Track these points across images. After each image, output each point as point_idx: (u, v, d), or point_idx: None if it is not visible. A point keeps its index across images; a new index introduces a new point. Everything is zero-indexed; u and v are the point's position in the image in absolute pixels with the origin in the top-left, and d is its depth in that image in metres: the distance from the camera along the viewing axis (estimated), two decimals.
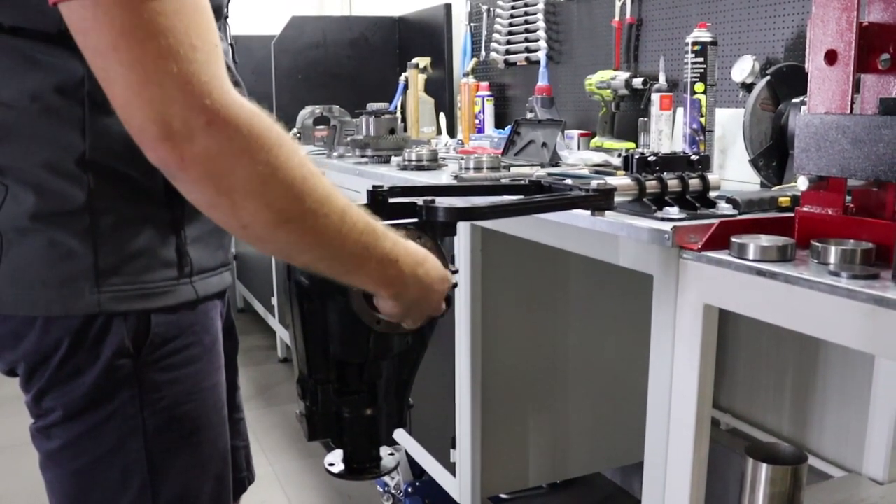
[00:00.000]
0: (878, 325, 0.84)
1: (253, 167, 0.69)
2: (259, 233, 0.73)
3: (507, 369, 1.95)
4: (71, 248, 0.85)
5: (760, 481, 1.24)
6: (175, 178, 0.70)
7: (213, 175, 0.68)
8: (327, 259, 0.78)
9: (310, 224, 0.73)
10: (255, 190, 0.70)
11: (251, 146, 0.69)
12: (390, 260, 0.81)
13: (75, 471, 0.91)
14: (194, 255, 0.93)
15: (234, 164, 0.68)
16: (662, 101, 1.88)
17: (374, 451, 1.02)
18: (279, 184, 0.70)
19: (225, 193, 0.70)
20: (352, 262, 0.79)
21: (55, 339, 0.87)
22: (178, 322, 0.92)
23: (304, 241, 0.75)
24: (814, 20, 1.03)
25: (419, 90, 3.15)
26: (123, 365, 0.88)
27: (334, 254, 0.77)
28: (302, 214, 0.72)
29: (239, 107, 0.68)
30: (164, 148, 0.67)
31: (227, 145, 0.68)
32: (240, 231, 0.73)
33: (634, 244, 1.21)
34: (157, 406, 0.91)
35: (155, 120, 0.66)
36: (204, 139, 0.67)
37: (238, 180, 0.69)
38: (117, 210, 0.86)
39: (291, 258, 0.80)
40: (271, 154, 0.70)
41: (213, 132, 0.67)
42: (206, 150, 0.67)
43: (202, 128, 0.66)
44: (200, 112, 0.66)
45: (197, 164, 0.68)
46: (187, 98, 0.66)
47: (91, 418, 0.89)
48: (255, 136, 0.69)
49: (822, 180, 1.02)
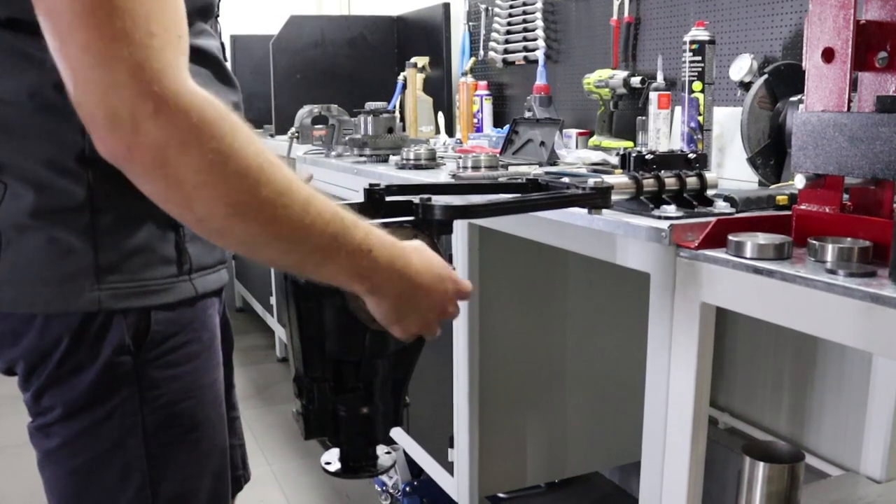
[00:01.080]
0: (874, 323, 0.84)
1: (203, 156, 0.66)
2: (216, 226, 0.70)
3: (505, 368, 1.95)
4: (71, 245, 0.85)
5: (757, 480, 1.23)
6: (126, 172, 0.68)
7: (161, 166, 0.66)
8: (291, 252, 0.74)
9: (268, 215, 0.70)
10: (206, 181, 0.67)
11: (201, 134, 0.66)
12: (362, 251, 0.76)
13: (74, 469, 0.91)
14: (193, 252, 0.93)
15: (182, 154, 0.65)
16: (660, 100, 1.88)
17: (371, 450, 1.01)
18: (232, 173, 0.67)
19: (175, 185, 0.67)
20: (318, 255, 0.74)
21: (55, 337, 0.86)
22: (178, 319, 0.92)
23: (264, 233, 0.71)
24: (811, 18, 1.03)
25: (417, 89, 3.15)
26: (123, 362, 0.88)
27: (298, 246, 0.73)
28: (259, 205, 0.69)
29: (190, 95, 0.66)
30: (111, 138, 0.65)
31: (175, 134, 0.65)
32: (196, 225, 0.71)
33: (631, 242, 1.21)
34: (157, 403, 0.91)
35: (102, 106, 0.64)
36: (151, 128, 0.64)
37: (188, 170, 0.66)
38: (117, 207, 0.86)
39: (254, 253, 0.75)
40: (223, 142, 0.67)
41: (160, 120, 0.64)
42: (153, 140, 0.64)
43: (149, 116, 0.64)
44: (148, 99, 0.64)
45: (144, 155, 0.65)
46: (135, 84, 0.63)
47: (91, 416, 0.89)
48: (205, 124, 0.66)
49: (819, 178, 1.02)
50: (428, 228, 0.94)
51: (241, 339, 4.10)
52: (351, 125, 2.60)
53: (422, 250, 0.85)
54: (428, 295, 0.84)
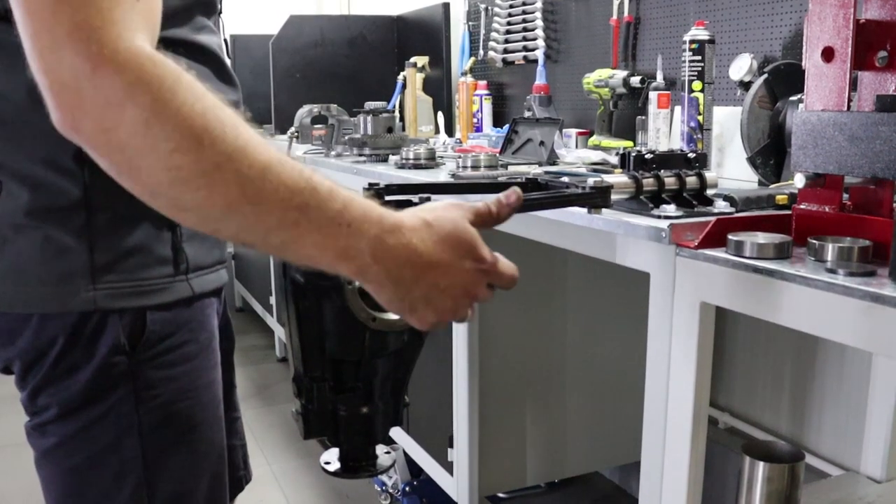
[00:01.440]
0: (875, 323, 0.84)
1: (138, 116, 0.59)
2: (167, 197, 0.62)
3: (505, 368, 1.95)
4: (66, 244, 0.85)
5: (757, 479, 1.23)
6: (81, 145, 0.62)
7: (103, 131, 0.59)
8: (252, 227, 0.63)
9: (216, 179, 0.60)
10: (143, 144, 0.59)
11: (135, 92, 0.59)
12: (338, 226, 0.64)
13: (70, 468, 0.91)
14: (190, 252, 0.93)
15: (119, 115, 0.59)
16: (660, 100, 1.88)
17: (370, 450, 1.01)
18: (171, 133, 0.59)
19: (119, 152, 0.60)
20: (284, 230, 0.63)
21: (50, 337, 0.86)
22: (174, 319, 0.92)
23: (213, 203, 0.61)
24: (811, 17, 1.03)
25: (417, 89, 3.15)
26: (119, 362, 0.88)
27: (258, 219, 0.63)
28: (203, 169, 0.60)
29: (132, 52, 0.59)
30: (57, 106, 0.60)
31: (112, 94, 0.58)
32: (151, 199, 0.63)
33: (631, 242, 1.21)
34: (153, 403, 0.91)
35: (46, 71, 0.59)
36: (90, 88, 0.58)
37: (126, 133, 0.59)
38: (113, 207, 0.86)
39: (212, 227, 0.65)
40: (160, 100, 0.59)
41: (96, 80, 0.58)
42: (93, 101, 0.59)
43: (87, 76, 0.58)
44: (86, 59, 0.58)
45: (87, 120, 0.59)
46: (73, 44, 0.58)
47: (86, 416, 0.89)
48: (142, 82, 0.59)
49: (819, 178, 1.02)
50: None
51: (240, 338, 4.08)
52: (350, 125, 2.60)
53: (434, 220, 0.71)
54: (443, 275, 0.70)
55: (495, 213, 0.75)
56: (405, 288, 0.69)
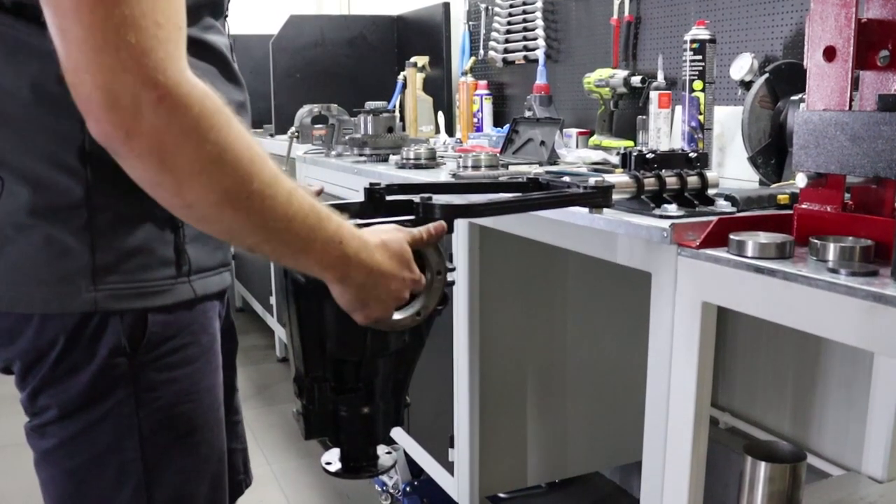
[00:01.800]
0: (876, 323, 0.84)
1: (202, 146, 0.69)
2: (204, 213, 0.73)
3: (506, 368, 1.95)
4: (68, 245, 0.85)
5: (759, 480, 1.23)
6: (118, 154, 0.69)
7: (158, 152, 0.68)
8: (273, 241, 0.77)
9: (257, 206, 0.73)
10: (202, 169, 0.69)
11: (200, 125, 0.68)
12: (334, 242, 0.80)
13: (70, 470, 0.91)
14: (193, 253, 0.92)
15: (182, 143, 0.68)
16: (661, 99, 1.87)
17: (371, 450, 1.01)
18: (227, 164, 0.70)
19: (170, 172, 0.69)
20: (297, 245, 0.78)
21: (51, 337, 0.86)
22: (176, 321, 0.91)
23: (250, 222, 0.74)
24: (812, 17, 1.03)
25: (417, 89, 3.15)
26: (119, 364, 0.88)
27: (280, 236, 0.76)
28: (249, 195, 0.72)
29: (192, 86, 0.68)
30: (109, 120, 0.66)
31: (177, 123, 0.67)
32: (183, 210, 0.73)
33: (632, 242, 1.20)
34: (153, 406, 0.90)
35: (104, 88, 0.65)
36: (152, 115, 0.66)
37: (185, 159, 0.68)
38: (115, 207, 0.86)
39: (237, 240, 0.78)
40: (220, 134, 0.69)
41: (161, 109, 0.66)
42: (153, 127, 0.66)
43: (152, 103, 0.66)
44: (153, 87, 0.66)
45: (142, 140, 0.67)
46: (141, 70, 0.65)
47: (86, 417, 0.89)
48: (205, 116, 0.69)
49: (820, 177, 1.02)
50: None
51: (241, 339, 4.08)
52: (351, 125, 2.60)
53: (387, 240, 0.86)
54: (388, 283, 0.86)
55: (425, 238, 0.90)
56: (365, 292, 0.85)
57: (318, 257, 0.80)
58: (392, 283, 0.86)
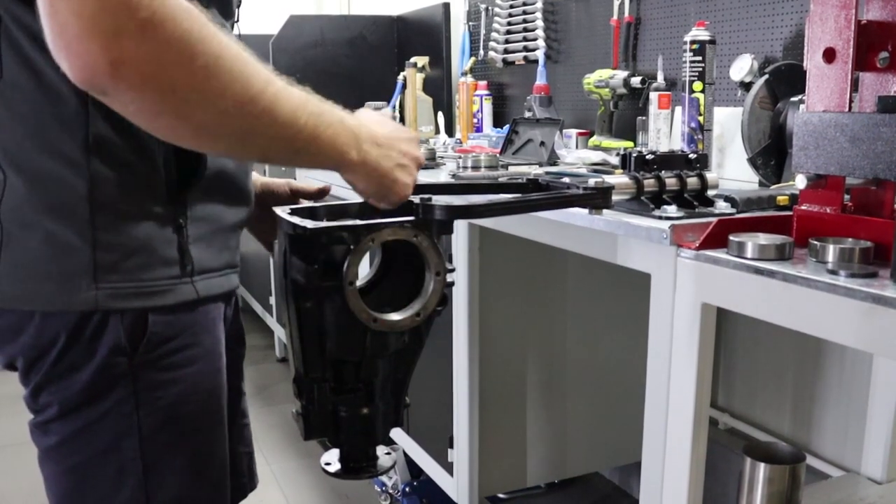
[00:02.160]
0: (876, 324, 0.84)
1: (196, 60, 0.66)
2: (214, 128, 0.72)
3: (505, 369, 1.95)
4: (69, 242, 0.84)
5: (758, 481, 1.23)
6: (106, 90, 0.65)
7: (153, 76, 0.64)
8: (285, 137, 0.77)
9: (262, 105, 0.72)
10: (203, 82, 0.67)
11: (192, 39, 0.66)
12: (338, 121, 0.81)
13: (71, 468, 0.91)
14: (196, 254, 0.92)
15: (176, 61, 0.65)
16: (661, 100, 1.88)
17: (371, 451, 1.01)
18: (225, 71, 0.69)
19: (170, 93, 0.66)
20: (308, 134, 0.78)
21: (52, 335, 0.86)
22: (177, 322, 0.91)
23: (260, 123, 0.73)
24: (812, 18, 1.03)
25: (417, 89, 3.15)
26: (119, 363, 0.88)
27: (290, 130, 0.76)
28: (252, 98, 0.71)
29: (176, 5, 0.65)
30: (91, 51, 0.61)
31: (167, 41, 0.64)
32: (192, 132, 0.72)
33: (632, 243, 1.21)
34: (153, 406, 0.90)
35: (82, 14, 0.60)
36: (140, 37, 0.62)
37: (183, 76, 0.66)
38: (118, 204, 0.85)
39: (249, 148, 0.78)
40: (212, 44, 0.68)
41: (150, 29, 0.63)
42: (142, 50, 0.63)
43: (139, 24, 0.62)
44: (136, 7, 0.62)
45: (133, 67, 0.63)
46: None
47: (87, 415, 0.89)
48: (195, 29, 0.66)
49: (820, 179, 1.02)
50: (428, 228, 0.94)
51: None
52: None
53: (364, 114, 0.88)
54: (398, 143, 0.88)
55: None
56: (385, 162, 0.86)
57: (329, 141, 0.80)
58: (401, 142, 0.87)
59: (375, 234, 0.91)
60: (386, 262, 1.01)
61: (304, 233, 0.90)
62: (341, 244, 0.90)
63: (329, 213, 1.01)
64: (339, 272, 0.89)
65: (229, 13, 0.97)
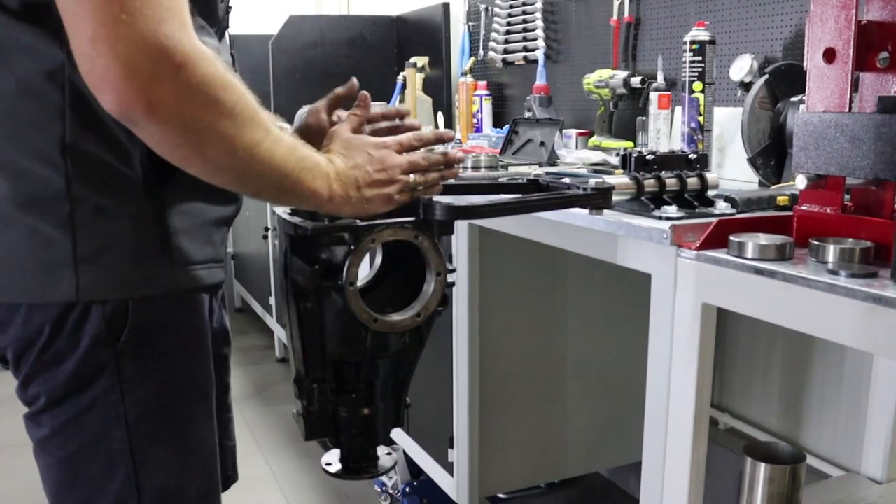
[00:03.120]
0: (876, 324, 0.84)
1: (218, 105, 0.75)
2: (220, 165, 0.80)
3: (505, 369, 1.95)
4: (50, 236, 0.87)
5: (759, 481, 1.23)
6: (137, 124, 0.73)
7: (180, 116, 0.73)
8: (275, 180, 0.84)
9: (264, 150, 0.81)
10: (220, 126, 0.76)
11: (216, 84, 0.75)
12: (312, 160, 0.87)
13: (63, 458, 0.93)
14: (177, 246, 0.93)
15: (203, 104, 0.74)
16: (661, 100, 1.88)
17: (371, 451, 1.01)
18: (239, 117, 0.77)
19: (193, 132, 0.75)
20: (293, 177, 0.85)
21: (37, 326, 0.88)
22: (158, 312, 0.92)
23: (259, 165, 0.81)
24: (812, 18, 1.03)
25: (417, 89, 3.15)
26: (102, 352, 0.89)
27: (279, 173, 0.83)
28: (258, 142, 0.80)
29: (203, 51, 0.74)
30: (129, 89, 0.70)
31: (196, 86, 0.73)
32: (200, 166, 0.80)
33: (632, 243, 1.21)
34: (138, 395, 0.92)
35: (123, 59, 0.69)
36: (173, 81, 0.71)
37: (206, 119, 0.75)
38: (96, 199, 0.87)
39: (243, 186, 0.86)
40: (230, 92, 0.77)
41: (182, 74, 0.71)
42: (174, 93, 0.71)
43: (172, 69, 0.71)
44: (171, 54, 0.70)
45: (165, 107, 0.72)
46: (159, 39, 0.70)
47: (74, 405, 0.91)
48: (218, 75, 0.75)
49: (820, 179, 1.02)
50: (429, 228, 0.94)
51: (240, 339, 4.10)
52: None
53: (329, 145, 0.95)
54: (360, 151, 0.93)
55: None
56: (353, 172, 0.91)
57: (309, 184, 0.86)
58: (373, 164, 0.92)
59: (376, 234, 0.91)
60: (386, 263, 1.01)
61: (305, 233, 0.90)
62: (342, 245, 0.90)
63: None
64: (339, 273, 0.90)
65: (214, 20, 0.98)
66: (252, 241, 3.88)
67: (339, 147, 0.94)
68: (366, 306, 0.90)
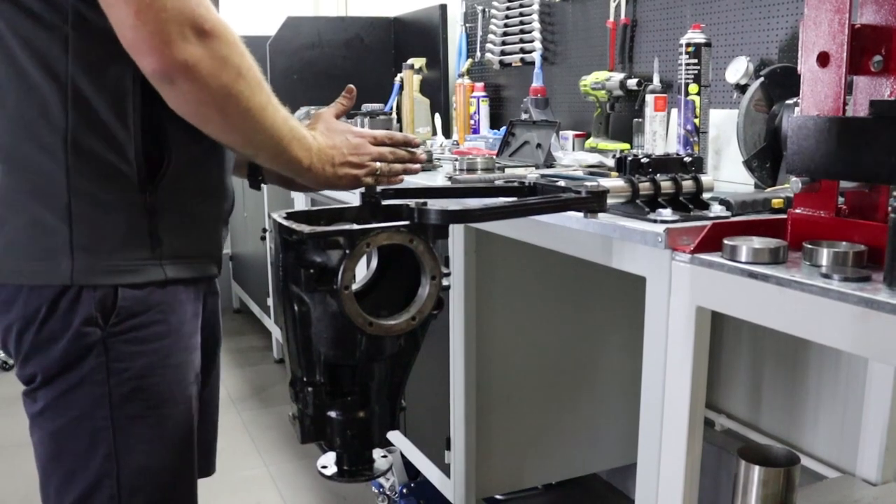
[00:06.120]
0: (869, 328, 0.84)
1: (238, 67, 0.90)
2: (234, 122, 0.93)
3: (502, 371, 1.95)
4: (50, 224, 0.94)
5: (753, 483, 1.24)
6: (175, 81, 0.87)
7: (212, 75, 0.87)
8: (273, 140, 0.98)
9: (269, 112, 0.96)
10: (241, 86, 0.91)
11: (237, 50, 0.91)
12: (300, 132, 1.03)
13: (52, 432, 0.99)
14: (167, 239, 1.00)
15: (227, 64, 0.89)
16: (657, 102, 1.88)
17: (367, 454, 1.02)
18: (252, 80, 0.92)
19: (218, 88, 0.89)
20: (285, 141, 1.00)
21: (35, 306, 0.95)
22: (145, 299, 0.98)
23: (262, 125, 0.95)
24: (806, 22, 1.03)
25: (414, 91, 3.15)
26: (90, 333, 0.96)
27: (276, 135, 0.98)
28: (263, 106, 0.94)
29: (225, 23, 0.89)
30: (172, 52, 0.84)
31: (224, 48, 0.88)
32: (219, 121, 0.92)
33: (627, 246, 1.21)
34: (122, 376, 0.98)
35: (164, 31, 0.84)
36: (206, 44, 0.86)
37: (228, 78, 0.89)
38: (93, 192, 0.95)
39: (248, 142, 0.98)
40: (247, 57, 0.92)
41: (212, 39, 0.87)
42: (206, 52, 0.86)
43: (204, 35, 0.86)
44: (202, 24, 0.86)
45: (202, 65, 0.86)
46: (191, 14, 0.85)
47: (65, 382, 0.97)
48: (238, 42, 0.91)
49: (814, 182, 1.02)
50: (424, 232, 0.94)
51: (238, 340, 4.10)
52: None
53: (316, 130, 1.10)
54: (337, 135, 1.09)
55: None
56: (328, 147, 1.07)
57: (295, 152, 1.01)
58: (342, 135, 1.09)
59: (371, 238, 0.91)
60: (382, 267, 1.01)
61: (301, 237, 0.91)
62: (337, 248, 0.90)
63: (326, 217, 1.02)
64: (334, 276, 0.90)
65: None
66: (250, 242, 3.88)
67: (323, 127, 1.10)
68: (361, 310, 0.91)
